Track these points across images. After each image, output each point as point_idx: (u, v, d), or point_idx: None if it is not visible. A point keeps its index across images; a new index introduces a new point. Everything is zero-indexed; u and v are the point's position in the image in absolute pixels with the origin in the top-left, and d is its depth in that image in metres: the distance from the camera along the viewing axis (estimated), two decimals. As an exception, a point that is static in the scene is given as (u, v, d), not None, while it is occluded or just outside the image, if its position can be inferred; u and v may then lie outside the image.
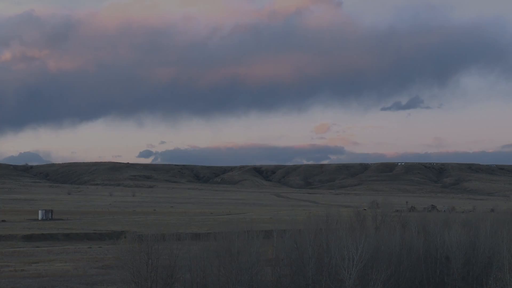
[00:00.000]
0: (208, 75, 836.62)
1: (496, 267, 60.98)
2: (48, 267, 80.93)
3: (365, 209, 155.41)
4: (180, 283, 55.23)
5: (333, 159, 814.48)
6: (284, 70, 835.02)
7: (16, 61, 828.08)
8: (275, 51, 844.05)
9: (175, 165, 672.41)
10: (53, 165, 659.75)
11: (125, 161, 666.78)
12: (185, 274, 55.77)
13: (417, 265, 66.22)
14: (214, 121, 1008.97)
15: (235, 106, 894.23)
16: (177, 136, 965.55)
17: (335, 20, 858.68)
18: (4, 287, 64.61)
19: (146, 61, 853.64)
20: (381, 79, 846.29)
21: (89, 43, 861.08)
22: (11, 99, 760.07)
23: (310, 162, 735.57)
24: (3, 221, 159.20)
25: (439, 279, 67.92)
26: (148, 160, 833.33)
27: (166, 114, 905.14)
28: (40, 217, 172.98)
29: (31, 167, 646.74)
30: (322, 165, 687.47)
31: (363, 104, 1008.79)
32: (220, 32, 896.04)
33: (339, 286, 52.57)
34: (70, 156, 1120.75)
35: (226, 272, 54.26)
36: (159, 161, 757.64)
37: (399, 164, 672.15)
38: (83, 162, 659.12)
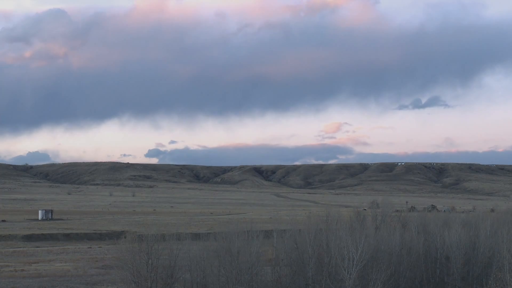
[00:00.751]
0: (229, 75, 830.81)
1: (496, 267, 61.04)
2: (48, 267, 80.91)
3: (365, 209, 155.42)
4: (180, 283, 55.25)
5: (341, 159, 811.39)
6: (308, 69, 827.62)
7: (37, 59, 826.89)
8: (303, 49, 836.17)
9: (175, 165, 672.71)
10: (53, 165, 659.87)
11: (132, 161, 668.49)
12: (185, 274, 55.81)
13: (417, 265, 66.26)
14: (228, 122, 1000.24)
15: (252, 107, 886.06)
16: (189, 136, 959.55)
17: (368, 18, 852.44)
18: (4, 287, 64.60)
19: (170, 59, 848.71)
20: (404, 78, 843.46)
21: (115, 42, 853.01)
22: (27, 98, 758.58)
23: (319, 162, 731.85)
24: (3, 221, 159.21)
25: (439, 279, 67.97)
26: (154, 160, 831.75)
27: (182, 113, 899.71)
28: (40, 217, 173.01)
29: (31, 167, 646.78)
30: (322, 165, 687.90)
31: (382, 103, 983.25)
32: (249, 29, 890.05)
33: (339, 286, 52.57)
34: (79, 156, 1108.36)
35: (226, 272, 54.26)
36: (166, 161, 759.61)
37: (399, 164, 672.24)
38: (83, 162, 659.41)
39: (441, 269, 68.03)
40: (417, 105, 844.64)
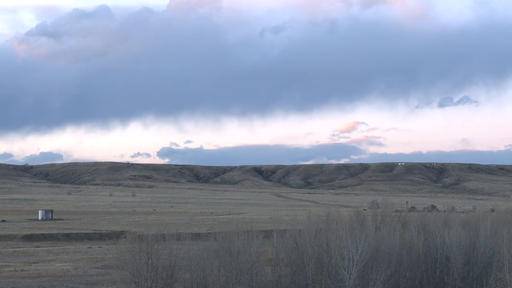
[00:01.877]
0: (259, 74, 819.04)
1: (496, 267, 61.05)
2: (48, 267, 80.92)
3: (365, 209, 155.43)
4: (180, 283, 55.24)
5: (353, 159, 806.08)
6: (344, 67, 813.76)
7: (71, 56, 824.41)
8: (345, 46, 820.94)
9: (175, 165, 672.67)
10: (53, 165, 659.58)
11: (146, 160, 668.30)
12: (185, 274, 55.79)
13: (417, 265, 66.25)
14: (251, 122, 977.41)
15: (276, 107, 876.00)
16: (207, 136, 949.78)
17: (419, 16, 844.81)
18: (4, 287, 64.59)
19: (204, 58, 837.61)
20: (439, 78, 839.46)
21: (156, 39, 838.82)
22: (54, 97, 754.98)
23: (332, 161, 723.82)
24: (3, 221, 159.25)
25: (439, 279, 67.96)
26: (164, 160, 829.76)
27: (205, 114, 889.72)
28: (40, 217, 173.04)
29: (31, 167, 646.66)
30: (322, 165, 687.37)
31: (410, 103, 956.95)
32: (295, 24, 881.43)
33: (339, 286, 52.57)
34: (92, 155, 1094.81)
35: (226, 272, 54.26)
36: (178, 161, 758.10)
37: (399, 164, 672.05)
38: (83, 162, 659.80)
39: (441, 269, 68.02)
40: (443, 104, 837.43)
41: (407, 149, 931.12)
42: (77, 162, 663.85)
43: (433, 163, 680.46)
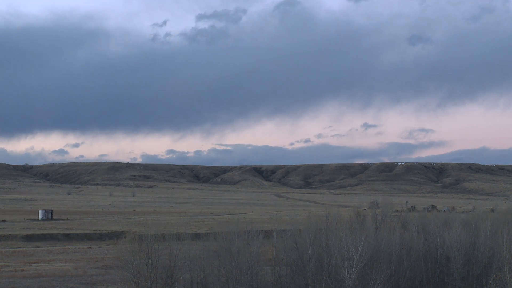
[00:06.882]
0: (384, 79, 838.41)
1: (496, 267, 61.07)
2: (48, 267, 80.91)
3: (365, 209, 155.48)
4: (180, 283, 55.25)
5: (402, 158, 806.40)
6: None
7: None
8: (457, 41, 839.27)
9: (175, 165, 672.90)
10: (53, 165, 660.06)
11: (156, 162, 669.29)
12: (185, 274, 55.82)
13: (417, 265, 66.28)
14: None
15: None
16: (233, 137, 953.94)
17: None
18: (4, 287, 64.58)
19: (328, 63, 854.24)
20: None
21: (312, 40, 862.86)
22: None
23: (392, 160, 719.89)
24: (3, 221, 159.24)
25: (439, 279, 67.97)
26: (183, 161, 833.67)
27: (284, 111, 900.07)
28: (40, 217, 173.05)
29: (31, 167, 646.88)
30: (322, 165, 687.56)
31: (482, 104, 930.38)
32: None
33: (339, 286, 52.54)
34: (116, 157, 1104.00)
35: (226, 272, 54.28)
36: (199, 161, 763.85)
37: (399, 164, 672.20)
38: (83, 162, 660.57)
39: (441, 269, 68.02)
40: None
41: (470, 145, 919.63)
42: (77, 162, 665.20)
43: (433, 163, 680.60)
